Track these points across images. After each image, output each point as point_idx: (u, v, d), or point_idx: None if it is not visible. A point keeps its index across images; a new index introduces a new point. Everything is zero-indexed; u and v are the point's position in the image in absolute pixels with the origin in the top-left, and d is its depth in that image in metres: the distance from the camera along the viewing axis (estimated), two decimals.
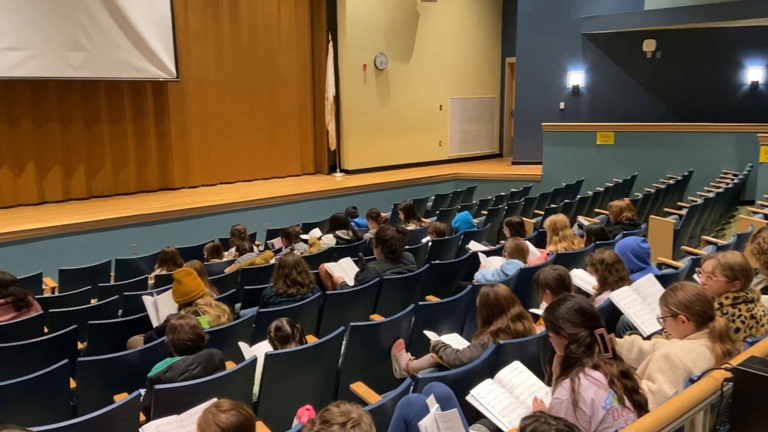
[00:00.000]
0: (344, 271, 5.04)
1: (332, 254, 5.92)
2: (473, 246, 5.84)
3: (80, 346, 4.25)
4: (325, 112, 11.83)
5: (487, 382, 2.45)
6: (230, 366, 3.23)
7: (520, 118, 12.94)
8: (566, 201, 8.22)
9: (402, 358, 3.60)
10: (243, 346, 3.64)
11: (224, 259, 6.53)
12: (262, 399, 3.12)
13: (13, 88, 8.72)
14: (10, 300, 4.54)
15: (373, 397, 2.93)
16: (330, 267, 5.03)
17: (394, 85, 12.54)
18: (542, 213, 7.77)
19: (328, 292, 4.51)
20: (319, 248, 6.18)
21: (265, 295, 4.42)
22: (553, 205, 8.34)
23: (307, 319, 4.22)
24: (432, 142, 13.42)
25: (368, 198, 10.45)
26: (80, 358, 3.50)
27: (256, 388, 3.18)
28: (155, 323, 4.20)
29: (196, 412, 2.40)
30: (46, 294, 6.00)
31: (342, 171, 12.17)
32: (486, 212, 8.15)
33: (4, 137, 8.75)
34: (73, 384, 3.49)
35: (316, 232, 7.01)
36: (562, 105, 12.52)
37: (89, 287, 5.71)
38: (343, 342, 3.55)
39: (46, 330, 4.56)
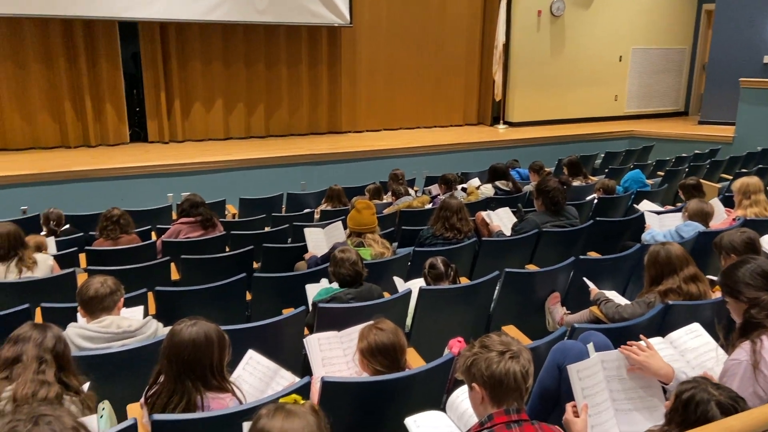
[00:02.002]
0: (501, 220, 4.96)
1: (490, 204, 5.84)
2: (645, 206, 5.42)
3: (255, 265, 4.69)
4: (492, 62, 11.50)
5: (657, 339, 2.29)
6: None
7: (714, 72, 11.52)
8: (761, 166, 7.26)
9: (557, 311, 3.49)
10: (398, 280, 3.77)
11: (383, 201, 6.75)
12: (413, 330, 3.23)
13: (207, 31, 9.56)
14: (199, 219, 5.11)
15: (525, 341, 2.89)
16: (487, 215, 4.98)
17: (569, 34, 11.77)
18: (730, 178, 6.96)
19: (483, 239, 4.48)
20: (477, 197, 6.12)
21: (422, 235, 4.51)
22: (744, 170, 7.41)
23: (460, 262, 4.24)
24: (607, 97, 12.49)
25: (531, 152, 10.08)
26: (256, 274, 3.87)
27: (408, 320, 3.30)
28: (321, 251, 4.48)
29: (354, 332, 2.54)
30: (228, 218, 6.67)
31: (505, 123, 11.84)
32: (662, 173, 7.48)
33: (198, 76, 9.69)
34: (248, 296, 3.88)
35: (474, 181, 6.94)
36: (766, 59, 10.93)
37: (263, 216, 6.26)
38: (497, 288, 3.52)
39: (227, 249, 5.10)
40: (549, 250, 4.43)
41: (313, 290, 3.50)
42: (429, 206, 5.89)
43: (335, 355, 2.57)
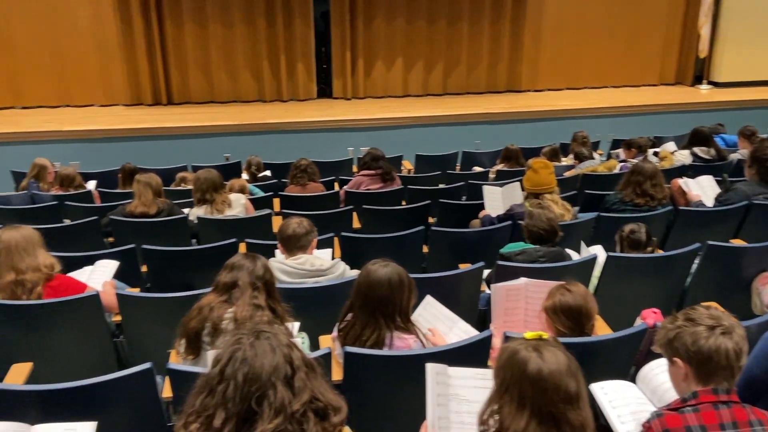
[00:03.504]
0: (702, 189, 4.47)
1: (686, 172, 5.29)
2: None
3: (430, 219, 4.77)
4: (699, 13, 10.25)
5: None
6: None
7: None
8: None
9: (766, 292, 3.10)
10: (582, 245, 3.59)
11: (562, 163, 6.44)
12: (597, 296, 3.06)
13: None
14: (379, 172, 5.30)
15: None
16: (685, 183, 4.52)
17: None
18: None
19: (680, 208, 4.09)
20: (671, 163, 5.58)
21: (608, 200, 4.23)
22: None
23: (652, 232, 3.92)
24: None
25: (739, 116, 8.90)
26: (434, 228, 3.94)
27: (591, 287, 3.14)
28: (492, 212, 4.42)
29: (540, 286, 2.49)
30: (403, 173, 6.84)
31: (709, 83, 10.56)
32: None
33: (382, 34, 9.91)
34: (424, 249, 3.97)
35: (669, 145, 6.33)
36: None
37: (439, 173, 6.31)
38: (695, 262, 3.21)
39: (403, 202, 5.24)
40: (760, 223, 3.91)
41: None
42: (617, 170, 5.50)
43: (517, 306, 2.55)
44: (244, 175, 6.13)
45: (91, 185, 5.88)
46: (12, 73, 8.89)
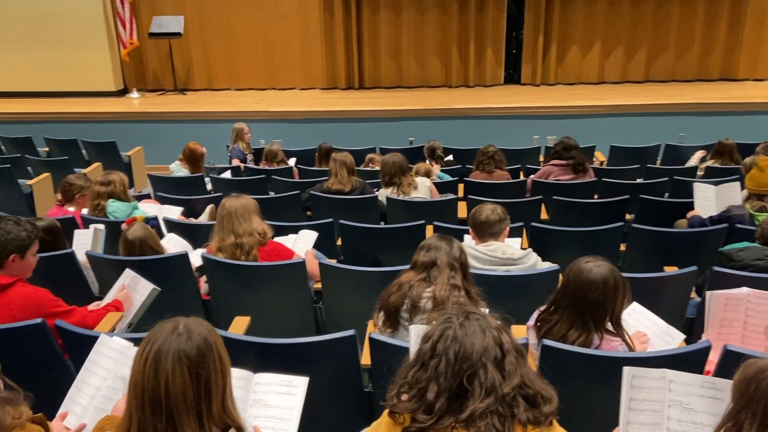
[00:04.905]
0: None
1: None
2: None
3: (627, 216, 4.44)
4: None
5: None
6: None
7: None
8: None
9: None
10: None
11: None
12: None
13: None
14: (571, 162, 5.05)
15: None
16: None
17: None
18: None
19: None
20: None
21: None
22: None
23: None
24: None
25: None
26: (634, 225, 3.66)
27: None
28: (703, 212, 3.99)
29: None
30: (595, 165, 6.45)
31: None
32: None
33: (579, 17, 9.39)
34: (621, 247, 3.72)
35: None
36: None
37: (637, 166, 5.86)
38: None
39: (595, 196, 4.94)
40: None
41: None
42: None
43: (736, 318, 2.27)
44: (428, 161, 6.23)
45: (291, 162, 6.41)
46: (229, 59, 9.97)
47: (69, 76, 9.42)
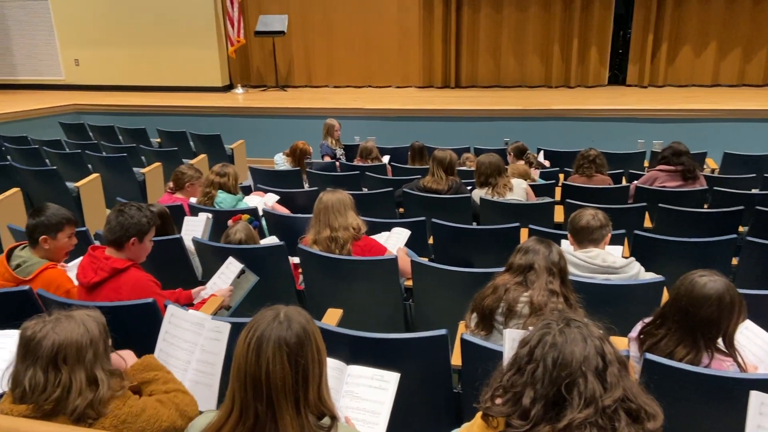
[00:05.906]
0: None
1: None
2: None
3: (740, 228, 4.13)
4: None
5: None
6: None
7: None
8: None
9: None
10: None
11: None
12: None
13: None
14: (680, 169, 4.76)
15: None
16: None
17: None
18: None
19: None
20: None
21: None
22: None
23: None
24: None
25: None
26: (748, 238, 3.39)
27: None
28: None
29: None
30: (706, 173, 6.04)
31: None
32: None
33: (693, 16, 8.84)
34: (733, 261, 3.46)
35: None
36: None
37: (752, 175, 5.43)
38: None
39: (705, 206, 4.63)
40: None
41: None
42: None
43: None
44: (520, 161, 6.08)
45: (385, 159, 6.47)
46: (329, 56, 10.22)
47: (180, 72, 10.04)
